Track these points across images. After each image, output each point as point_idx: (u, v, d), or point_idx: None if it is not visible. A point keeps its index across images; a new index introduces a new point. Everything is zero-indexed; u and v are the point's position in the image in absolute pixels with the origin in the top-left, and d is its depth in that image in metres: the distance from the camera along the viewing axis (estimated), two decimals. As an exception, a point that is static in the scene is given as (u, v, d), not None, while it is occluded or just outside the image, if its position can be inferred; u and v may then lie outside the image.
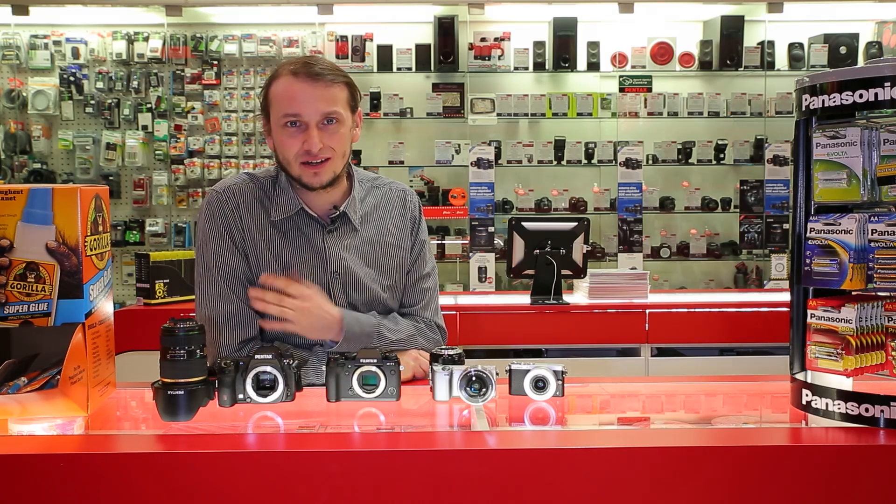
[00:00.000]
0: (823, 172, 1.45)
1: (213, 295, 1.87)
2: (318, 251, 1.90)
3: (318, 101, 1.79)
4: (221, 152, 5.46)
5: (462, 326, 3.47)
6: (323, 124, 1.81)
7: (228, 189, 1.92)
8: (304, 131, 1.80)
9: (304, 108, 1.79)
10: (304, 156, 1.81)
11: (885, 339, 1.43)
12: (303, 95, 1.79)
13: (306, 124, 1.80)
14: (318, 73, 1.80)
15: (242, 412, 1.53)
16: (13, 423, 1.42)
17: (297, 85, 1.79)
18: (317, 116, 1.80)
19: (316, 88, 1.79)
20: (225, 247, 1.88)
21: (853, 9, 5.50)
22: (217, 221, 1.89)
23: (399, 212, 2.01)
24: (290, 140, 1.81)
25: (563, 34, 5.31)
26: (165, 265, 3.52)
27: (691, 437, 1.41)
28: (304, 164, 1.82)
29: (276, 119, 1.83)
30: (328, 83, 1.81)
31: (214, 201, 1.90)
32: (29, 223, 1.46)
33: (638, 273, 3.85)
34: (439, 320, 2.05)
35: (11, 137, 5.40)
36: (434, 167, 5.40)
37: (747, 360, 3.54)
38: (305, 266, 1.90)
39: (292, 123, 1.80)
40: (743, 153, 5.42)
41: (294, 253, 1.89)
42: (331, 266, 1.90)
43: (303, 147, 1.80)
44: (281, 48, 5.41)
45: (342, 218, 1.93)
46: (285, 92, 1.81)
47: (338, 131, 1.83)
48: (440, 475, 1.27)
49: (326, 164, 1.83)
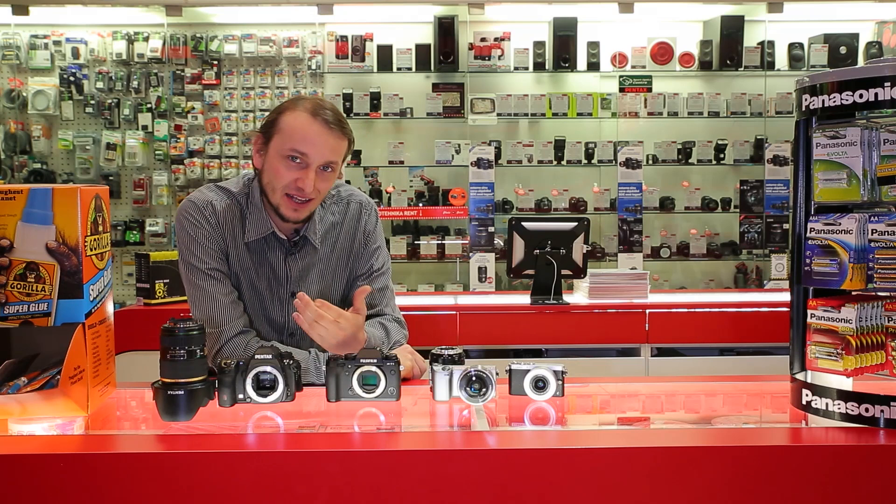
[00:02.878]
0: (823, 172, 1.45)
1: (205, 290, 1.90)
2: (279, 272, 1.98)
3: (327, 148, 1.86)
4: (221, 152, 5.46)
5: (462, 326, 3.47)
6: (320, 169, 1.88)
7: (210, 204, 1.95)
8: (303, 170, 1.86)
9: (312, 151, 1.85)
10: (294, 191, 1.87)
11: (885, 339, 1.43)
12: (316, 138, 1.85)
13: (308, 165, 1.85)
14: (332, 123, 1.87)
15: (242, 412, 1.53)
16: (13, 423, 1.42)
17: (314, 127, 1.85)
18: (320, 160, 1.86)
19: (329, 137, 1.86)
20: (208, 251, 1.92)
21: (853, 9, 5.50)
22: (200, 229, 1.92)
23: (354, 225, 2.07)
24: (287, 172, 1.86)
25: (563, 34, 5.31)
26: (165, 265, 3.52)
27: (691, 437, 1.41)
28: (288, 196, 1.88)
29: (279, 148, 1.87)
30: (339, 135, 1.88)
31: (196, 212, 1.93)
32: (29, 223, 1.46)
33: (638, 273, 3.85)
34: (399, 315, 2.11)
35: (11, 137, 5.40)
36: (434, 167, 5.40)
37: (747, 360, 3.54)
38: (266, 284, 1.97)
39: (294, 159, 1.85)
40: (743, 153, 5.42)
41: (258, 272, 1.96)
42: (290, 286, 1.97)
43: (296, 183, 1.86)
44: (281, 48, 5.41)
45: (303, 241, 1.98)
46: (300, 128, 1.85)
47: (329, 179, 1.91)
48: (440, 475, 1.27)
49: (309, 203, 1.90)
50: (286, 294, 1.97)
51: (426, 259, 5.34)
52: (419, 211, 5.21)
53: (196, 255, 1.92)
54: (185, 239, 1.93)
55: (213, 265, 1.92)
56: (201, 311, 1.90)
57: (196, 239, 1.92)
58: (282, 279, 1.98)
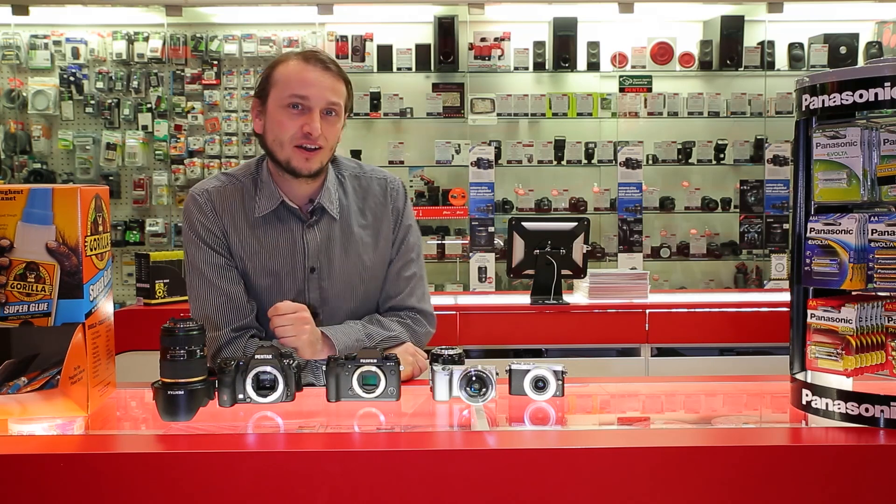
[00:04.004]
0: (823, 172, 1.45)
1: (202, 288, 1.89)
2: (297, 246, 1.91)
3: (327, 89, 1.82)
4: (221, 152, 5.46)
5: (462, 326, 3.47)
6: (324, 114, 1.83)
7: (206, 192, 1.92)
8: (307, 115, 1.81)
9: (312, 92, 1.81)
10: (302, 139, 1.82)
11: (885, 339, 1.43)
12: (314, 80, 1.81)
13: (310, 108, 1.81)
14: (328, 63, 1.84)
15: (242, 412, 1.53)
16: (13, 423, 1.42)
17: (309, 70, 1.82)
18: (322, 103, 1.82)
19: (325, 77, 1.83)
20: (207, 244, 1.90)
21: (853, 9, 5.50)
22: (196, 222, 1.90)
23: (380, 202, 2.00)
24: (290, 122, 1.82)
25: (563, 34, 5.31)
26: (165, 265, 3.52)
27: (691, 437, 1.41)
28: (299, 147, 1.83)
29: (278, 99, 1.82)
30: (335, 75, 1.85)
31: (193, 204, 1.92)
32: (29, 223, 1.46)
33: (638, 273, 3.85)
34: (425, 306, 2.03)
35: (11, 137, 5.40)
36: (434, 167, 5.40)
37: (747, 360, 3.54)
38: (283, 261, 1.91)
39: (295, 105, 1.81)
40: (743, 153, 5.42)
41: (271, 249, 1.91)
42: (309, 261, 1.92)
43: (302, 129, 1.81)
44: (281, 48, 5.41)
45: (320, 210, 1.93)
46: (296, 74, 1.82)
47: (335, 124, 1.86)
48: (440, 475, 1.27)
49: (319, 152, 1.84)
50: (305, 269, 1.91)
51: (426, 259, 5.32)
52: (419, 211, 5.21)
53: (194, 251, 1.90)
54: (186, 236, 1.92)
55: (213, 260, 1.88)
56: (199, 311, 1.89)
57: (195, 233, 1.90)
58: (299, 253, 1.90)
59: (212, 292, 1.88)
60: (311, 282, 1.92)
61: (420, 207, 5.23)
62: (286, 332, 1.78)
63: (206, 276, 1.89)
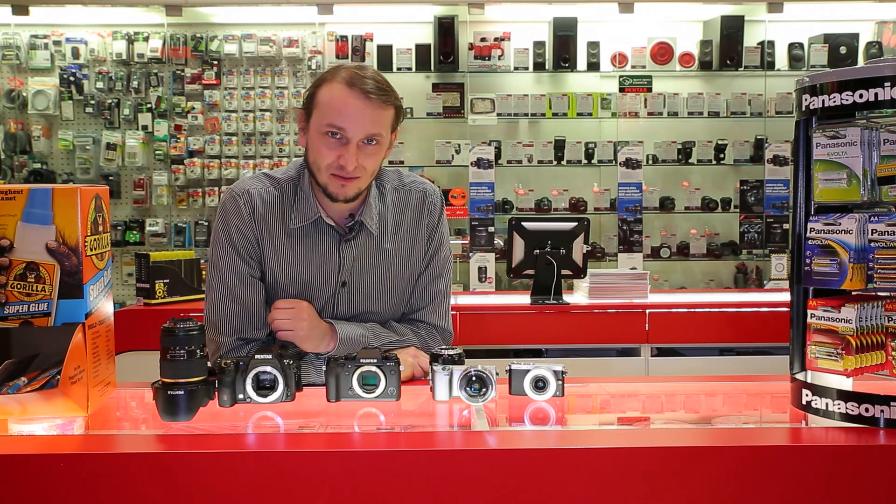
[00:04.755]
0: (823, 172, 1.45)
1: (220, 291, 1.88)
2: (331, 260, 1.89)
3: (366, 121, 1.76)
4: (221, 152, 5.46)
5: (462, 326, 3.47)
6: (363, 143, 1.78)
7: (247, 193, 1.89)
8: (344, 146, 1.77)
9: (350, 125, 1.76)
10: (337, 169, 1.79)
11: (885, 339, 1.43)
12: (353, 111, 1.75)
13: (348, 139, 1.77)
14: (371, 92, 1.76)
15: (242, 412, 1.53)
16: (13, 423, 1.42)
17: (350, 99, 1.75)
18: (360, 135, 1.77)
19: (367, 108, 1.76)
20: (235, 249, 1.87)
21: (853, 9, 5.50)
22: (231, 224, 1.88)
23: (417, 216, 1.97)
24: (327, 150, 1.78)
25: (563, 34, 5.31)
26: (165, 265, 3.52)
27: (691, 437, 1.41)
28: (334, 175, 1.80)
29: (317, 124, 1.79)
30: (379, 105, 1.77)
31: (231, 204, 1.88)
32: (29, 223, 1.46)
33: (638, 273, 3.85)
34: (444, 324, 2.02)
35: (11, 137, 5.40)
36: (434, 167, 5.40)
37: (747, 360, 3.54)
38: (316, 275, 1.89)
39: (333, 134, 1.77)
40: (743, 153, 5.42)
41: (306, 261, 1.88)
42: (342, 275, 1.90)
43: (338, 161, 1.77)
44: (281, 48, 5.41)
45: (359, 226, 1.90)
46: (336, 102, 1.76)
47: (376, 153, 1.81)
48: (440, 475, 1.27)
49: (355, 181, 1.81)
50: (337, 283, 1.89)
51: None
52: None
53: (220, 252, 1.87)
54: (217, 235, 1.89)
55: (238, 267, 1.86)
56: (211, 312, 1.88)
57: (227, 235, 1.87)
58: (333, 267, 1.89)
59: (228, 298, 1.87)
60: (341, 295, 1.91)
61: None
62: (283, 325, 1.79)
63: (227, 280, 1.87)
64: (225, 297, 1.87)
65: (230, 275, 1.87)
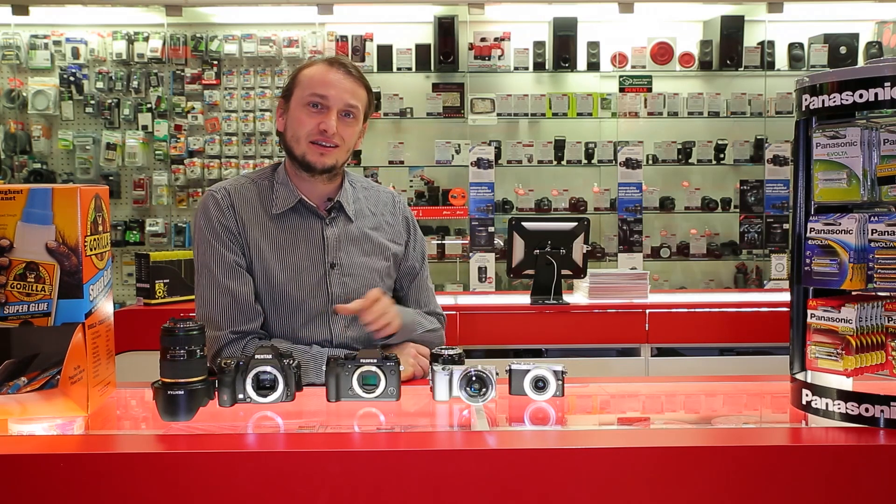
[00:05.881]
0: (823, 172, 1.45)
1: (209, 287, 1.90)
2: (316, 243, 1.96)
3: (346, 91, 1.92)
4: (221, 152, 5.46)
5: (462, 326, 3.47)
6: (342, 115, 1.91)
7: (223, 189, 1.97)
8: (324, 114, 1.90)
9: (331, 93, 1.90)
10: (317, 135, 1.90)
11: (885, 339, 1.43)
12: (334, 82, 1.91)
13: (328, 108, 1.90)
14: (350, 69, 1.94)
15: (242, 412, 1.53)
16: (13, 423, 1.42)
17: (331, 72, 1.92)
18: (340, 104, 1.90)
19: (346, 80, 1.92)
20: (220, 243, 1.91)
21: (853, 9, 5.50)
22: (212, 216, 1.92)
23: (390, 210, 2.10)
24: (308, 118, 1.90)
25: (563, 34, 5.31)
26: (165, 265, 3.52)
27: (691, 437, 1.41)
28: (314, 143, 1.90)
29: (300, 98, 1.91)
30: (356, 80, 1.95)
31: (209, 200, 1.95)
32: (29, 223, 1.46)
33: (638, 273, 3.85)
34: (440, 310, 2.18)
35: (11, 137, 5.40)
36: (434, 167, 5.40)
37: (747, 360, 3.54)
38: (304, 258, 1.94)
39: (315, 105, 1.90)
40: (743, 153, 5.42)
41: (292, 244, 1.95)
42: (328, 257, 1.96)
43: (318, 127, 1.89)
44: (281, 48, 5.41)
45: (338, 209, 1.99)
46: (318, 75, 1.92)
47: (352, 125, 1.94)
48: (440, 475, 1.27)
49: (334, 150, 1.92)
50: (325, 264, 1.95)
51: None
52: (419, 211, 5.21)
53: (205, 249, 1.91)
54: (199, 235, 1.93)
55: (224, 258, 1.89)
56: (203, 311, 1.90)
57: (211, 228, 1.91)
58: (319, 248, 1.96)
59: (219, 291, 1.89)
60: (333, 277, 1.95)
61: (420, 207, 5.24)
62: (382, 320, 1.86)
63: (214, 274, 1.90)
64: (215, 291, 1.89)
65: (217, 267, 1.90)
